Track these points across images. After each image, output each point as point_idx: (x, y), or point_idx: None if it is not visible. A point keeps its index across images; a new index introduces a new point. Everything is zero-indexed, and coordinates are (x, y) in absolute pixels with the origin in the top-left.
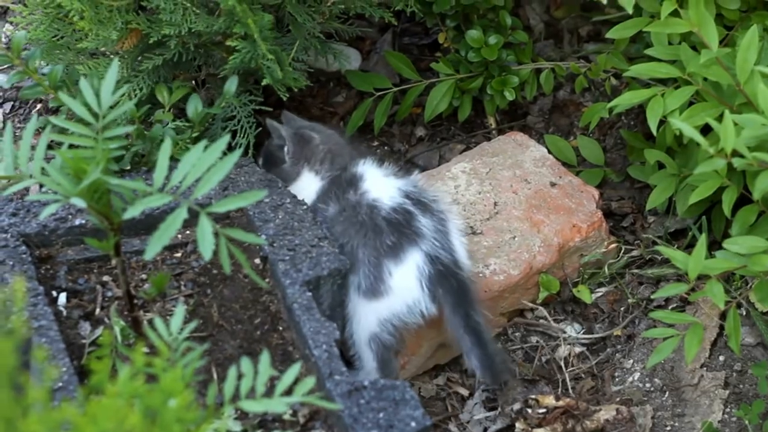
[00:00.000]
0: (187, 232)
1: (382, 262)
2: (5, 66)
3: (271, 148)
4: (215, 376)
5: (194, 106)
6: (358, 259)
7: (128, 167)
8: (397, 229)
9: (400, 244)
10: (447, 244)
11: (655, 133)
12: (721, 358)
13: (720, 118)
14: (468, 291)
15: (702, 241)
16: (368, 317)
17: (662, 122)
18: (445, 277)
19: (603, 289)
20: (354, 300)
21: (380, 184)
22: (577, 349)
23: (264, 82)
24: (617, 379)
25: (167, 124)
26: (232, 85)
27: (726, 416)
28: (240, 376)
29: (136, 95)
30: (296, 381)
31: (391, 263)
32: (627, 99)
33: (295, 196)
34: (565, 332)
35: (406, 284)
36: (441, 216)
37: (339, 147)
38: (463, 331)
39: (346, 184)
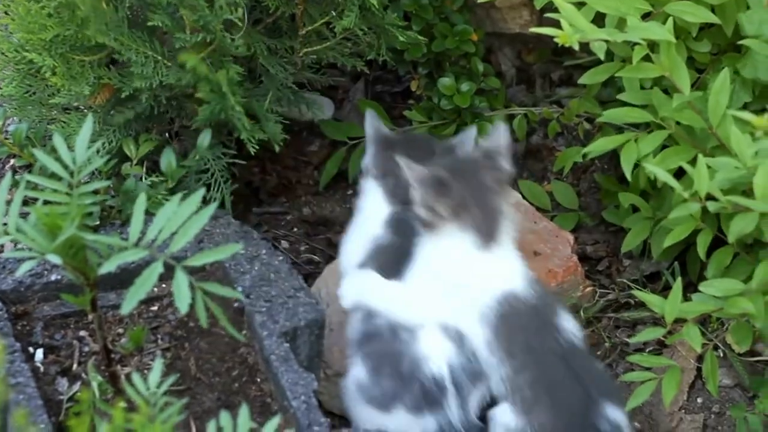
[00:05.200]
0: (163, 285)
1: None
2: None
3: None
4: (194, 429)
5: (168, 160)
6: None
7: (98, 222)
8: (429, 401)
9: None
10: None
11: (629, 177)
12: (699, 400)
13: (693, 162)
14: None
15: (677, 285)
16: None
17: (636, 166)
18: None
19: None
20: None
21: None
22: None
23: (243, 136)
24: None
25: (140, 177)
26: (205, 138)
27: None
28: (219, 430)
29: (106, 149)
30: None
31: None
32: (601, 145)
33: (271, 247)
34: None
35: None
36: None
37: None
38: None
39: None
